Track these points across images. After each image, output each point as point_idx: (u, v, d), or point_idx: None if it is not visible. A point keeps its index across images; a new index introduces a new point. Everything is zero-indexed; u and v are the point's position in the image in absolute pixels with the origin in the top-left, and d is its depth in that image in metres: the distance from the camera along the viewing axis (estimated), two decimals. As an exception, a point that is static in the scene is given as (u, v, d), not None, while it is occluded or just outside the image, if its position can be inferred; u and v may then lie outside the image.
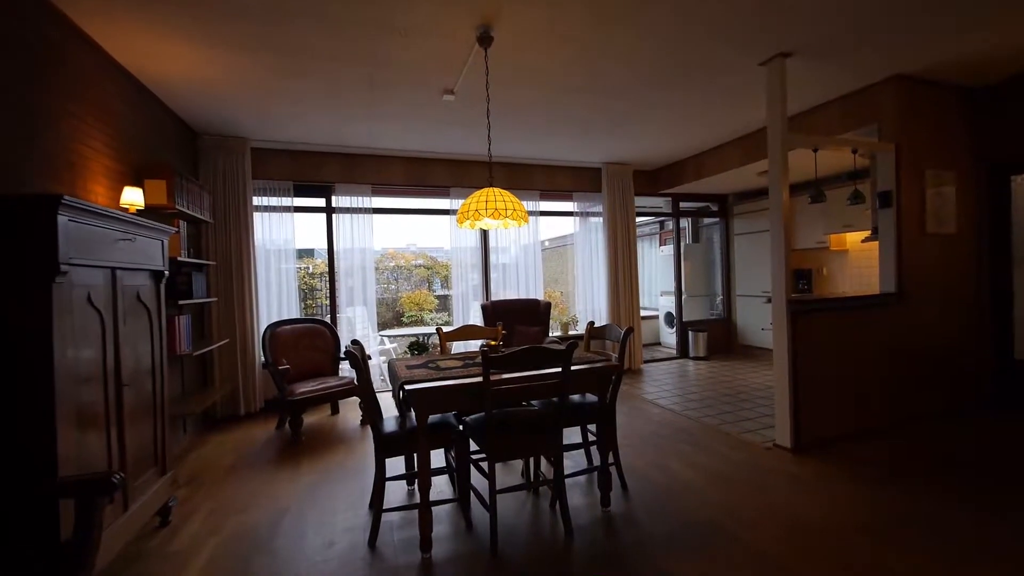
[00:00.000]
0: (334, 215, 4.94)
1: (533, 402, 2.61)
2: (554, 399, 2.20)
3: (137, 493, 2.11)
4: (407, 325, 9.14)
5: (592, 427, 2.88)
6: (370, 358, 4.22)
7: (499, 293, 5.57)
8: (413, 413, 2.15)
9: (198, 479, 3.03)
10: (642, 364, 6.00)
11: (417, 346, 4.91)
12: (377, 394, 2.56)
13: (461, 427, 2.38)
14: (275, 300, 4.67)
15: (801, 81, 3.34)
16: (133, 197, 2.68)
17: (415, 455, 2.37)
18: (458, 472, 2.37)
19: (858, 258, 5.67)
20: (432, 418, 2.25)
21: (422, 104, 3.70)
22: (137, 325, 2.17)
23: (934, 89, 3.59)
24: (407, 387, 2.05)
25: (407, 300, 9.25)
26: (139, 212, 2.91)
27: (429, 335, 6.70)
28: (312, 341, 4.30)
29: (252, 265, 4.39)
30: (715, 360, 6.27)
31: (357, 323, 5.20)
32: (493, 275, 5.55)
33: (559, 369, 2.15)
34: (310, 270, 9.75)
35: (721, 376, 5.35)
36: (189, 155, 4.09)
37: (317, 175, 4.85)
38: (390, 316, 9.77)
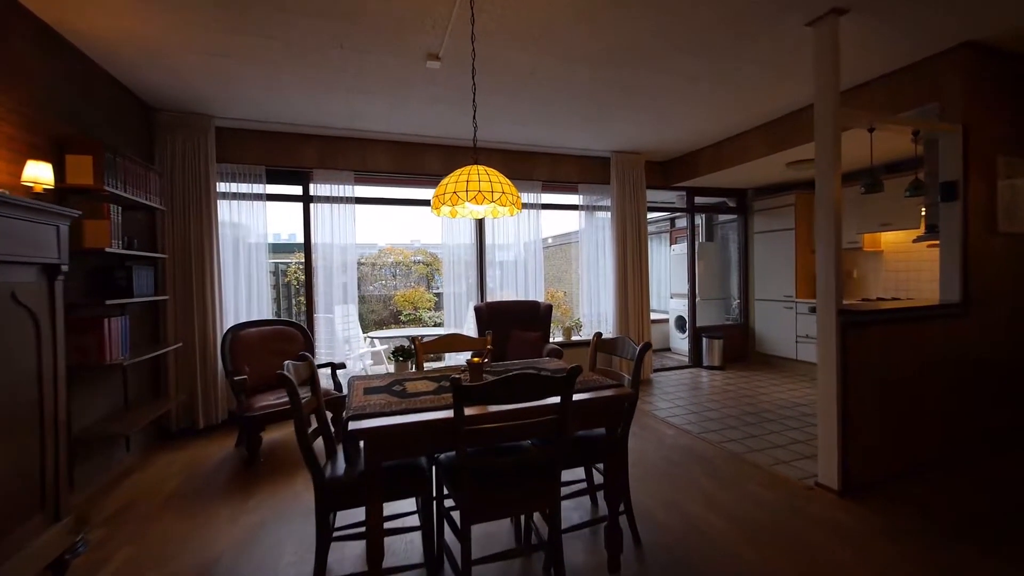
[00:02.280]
0: (312, 204, 4.44)
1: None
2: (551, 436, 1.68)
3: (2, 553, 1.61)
4: (404, 324, 8.67)
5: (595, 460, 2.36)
6: (342, 367, 3.74)
7: (496, 294, 5.06)
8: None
9: (126, 513, 2.54)
10: (651, 373, 5.47)
11: (402, 352, 4.42)
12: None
13: (434, 467, 1.87)
14: (243, 299, 4.17)
15: (844, 53, 2.79)
16: (38, 173, 2.18)
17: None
18: (426, 530, 1.86)
19: (895, 260, 5.11)
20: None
21: (405, 75, 3.18)
22: (9, 331, 1.67)
23: (1010, 62, 3.04)
24: (353, 424, 1.54)
25: (401, 298, 8.76)
26: (55, 193, 2.42)
27: (421, 337, 6.21)
28: (281, 346, 3.80)
29: (216, 259, 3.90)
30: (732, 370, 5.73)
31: (338, 324, 4.70)
32: (489, 274, 5.04)
33: (557, 399, 1.64)
34: (301, 266, 9.29)
35: (741, 390, 4.82)
36: (141, 133, 3.60)
37: (293, 159, 4.35)
38: (387, 314, 9.31)
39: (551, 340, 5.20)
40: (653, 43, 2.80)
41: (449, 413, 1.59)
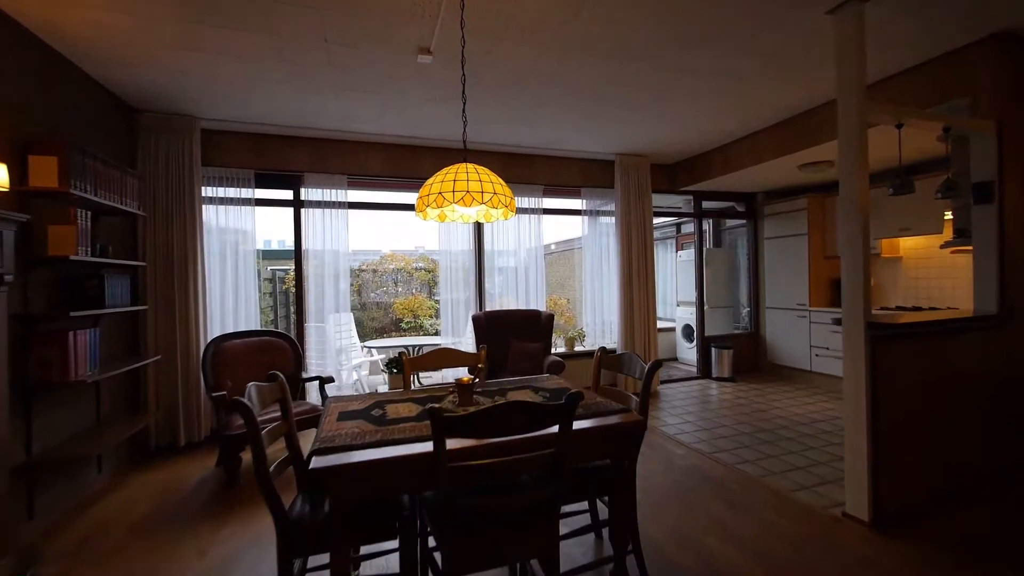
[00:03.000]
0: (303, 209, 4.25)
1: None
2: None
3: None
4: (405, 332, 8.48)
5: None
6: (330, 380, 3.54)
7: (495, 302, 4.85)
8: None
9: (88, 544, 2.33)
10: (659, 385, 5.22)
11: (396, 364, 4.21)
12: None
13: (415, 505, 1.65)
14: (230, 308, 3.98)
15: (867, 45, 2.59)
16: (-10, 174, 2.00)
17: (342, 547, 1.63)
18: (405, 576, 1.64)
19: (914, 267, 4.86)
20: (367, 497, 1.52)
21: (397, 71, 2.99)
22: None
23: (1045, 53, 2.82)
24: (317, 461, 1.32)
25: (400, 306, 8.57)
26: (16, 196, 2.24)
27: (419, 347, 6.01)
28: (267, 358, 3.60)
29: (201, 267, 3.71)
30: (743, 382, 5.47)
31: (331, 334, 4.49)
32: (488, 281, 4.83)
33: (556, 429, 1.42)
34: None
35: (753, 403, 4.57)
36: (122, 135, 3.43)
37: (283, 163, 4.17)
38: (388, 322, 9.14)
39: (553, 351, 4.98)
40: (658, 33, 2.60)
41: (431, 445, 1.38)
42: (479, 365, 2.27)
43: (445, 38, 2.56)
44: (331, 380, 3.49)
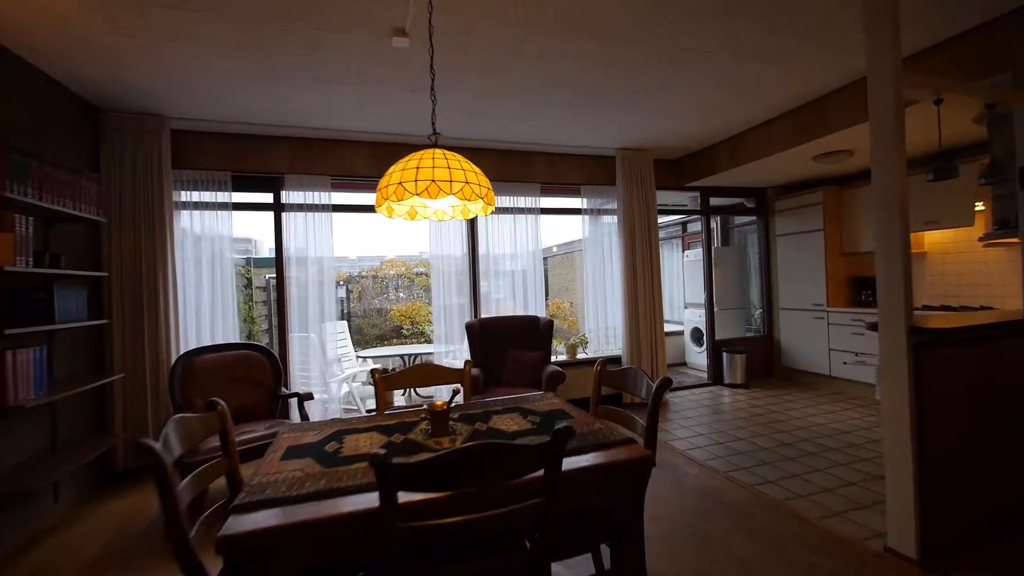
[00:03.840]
0: (284, 213, 4.00)
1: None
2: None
3: None
4: (407, 338, 8.24)
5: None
6: (309, 397, 3.27)
7: (492, 308, 4.56)
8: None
9: (24, 592, 2.07)
10: (667, 393, 4.91)
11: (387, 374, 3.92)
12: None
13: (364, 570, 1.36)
14: (207, 320, 3.73)
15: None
16: None
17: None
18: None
19: (940, 263, 4.53)
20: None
21: (372, 58, 2.73)
22: None
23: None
24: (230, 525, 1.04)
25: (398, 313, 8.32)
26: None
27: (414, 356, 5.74)
28: (242, 373, 3.33)
29: (171, 276, 3.46)
30: (756, 388, 5.14)
31: (315, 345, 4.22)
32: (484, 286, 4.55)
33: (541, 472, 1.13)
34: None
35: (770, 413, 4.24)
36: (84, 137, 3.19)
37: (261, 164, 3.92)
38: (389, 328, 8.91)
39: (554, 359, 4.69)
40: (662, 6, 2.31)
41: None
42: (456, 388, 1.98)
43: (421, 17, 2.29)
44: (310, 397, 3.22)
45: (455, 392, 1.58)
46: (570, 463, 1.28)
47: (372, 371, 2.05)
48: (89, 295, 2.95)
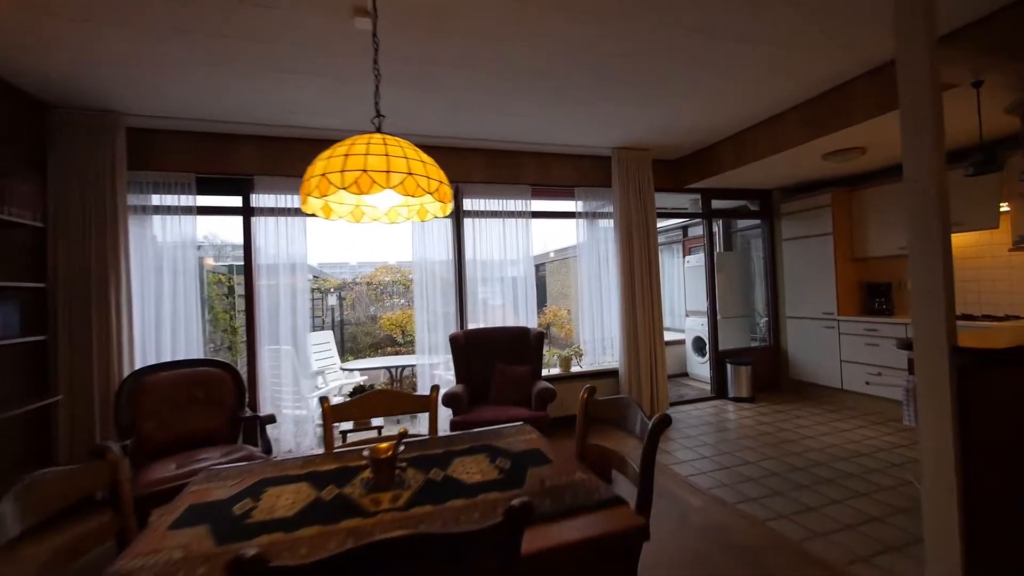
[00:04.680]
0: (253, 218, 3.72)
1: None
2: None
3: None
4: (401, 347, 7.95)
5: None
6: (271, 420, 2.96)
7: (479, 318, 4.26)
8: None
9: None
10: (668, 408, 4.59)
11: (360, 391, 3.62)
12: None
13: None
14: (168, 334, 3.44)
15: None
16: None
17: None
18: None
19: (959, 268, 4.15)
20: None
21: (332, 43, 2.46)
22: None
23: None
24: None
25: (387, 322, 8.03)
26: None
27: (402, 367, 5.44)
28: (200, 393, 3.03)
29: (126, 287, 3.18)
30: (764, 402, 4.83)
31: (287, 359, 3.91)
32: (470, 296, 4.25)
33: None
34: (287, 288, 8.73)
35: (779, 432, 3.93)
36: (27, 136, 2.91)
37: (228, 165, 3.64)
38: (383, 337, 8.66)
39: (547, 372, 4.39)
40: (657, -19, 2.04)
41: None
42: (428, 410, 1.68)
43: (384, -7, 2.02)
44: (271, 420, 2.91)
45: (400, 437, 1.28)
46: (537, 537, 0.98)
47: (321, 400, 1.75)
48: (24, 308, 2.66)
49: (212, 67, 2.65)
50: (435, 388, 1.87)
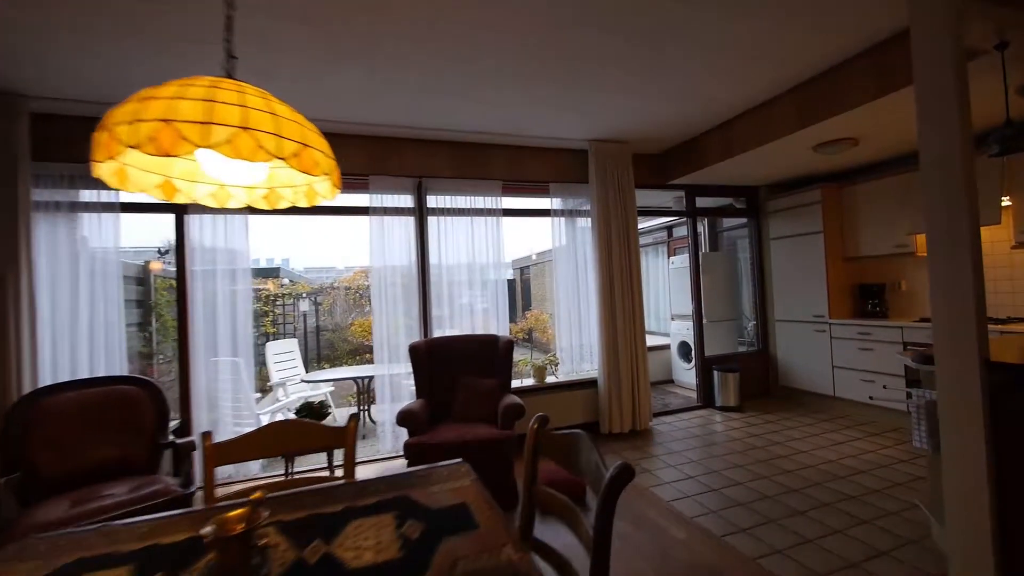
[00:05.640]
0: (187, 215, 3.32)
1: None
2: None
3: None
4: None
5: None
6: (190, 448, 2.57)
7: (445, 326, 3.90)
8: None
9: None
10: (650, 422, 4.27)
11: (308, 412, 3.24)
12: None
13: None
14: (85, 348, 3.02)
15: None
16: None
17: None
18: None
19: (957, 268, 3.97)
20: None
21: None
22: None
23: None
24: None
25: (359, 328, 7.64)
26: None
27: (366, 379, 5.04)
28: (113, 416, 2.63)
29: (25, 295, 2.76)
30: (752, 412, 4.53)
31: (225, 371, 3.49)
32: (435, 302, 3.89)
33: None
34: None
35: (770, 445, 3.62)
36: (-98, 117, 2.50)
37: (158, 156, 3.24)
38: (360, 344, 8.28)
39: (520, 383, 4.05)
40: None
41: None
42: (343, 446, 1.31)
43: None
44: (190, 448, 2.52)
45: (255, 503, 0.91)
46: None
47: (204, 435, 1.38)
48: None
49: (128, 38, 2.27)
50: (353, 418, 1.50)
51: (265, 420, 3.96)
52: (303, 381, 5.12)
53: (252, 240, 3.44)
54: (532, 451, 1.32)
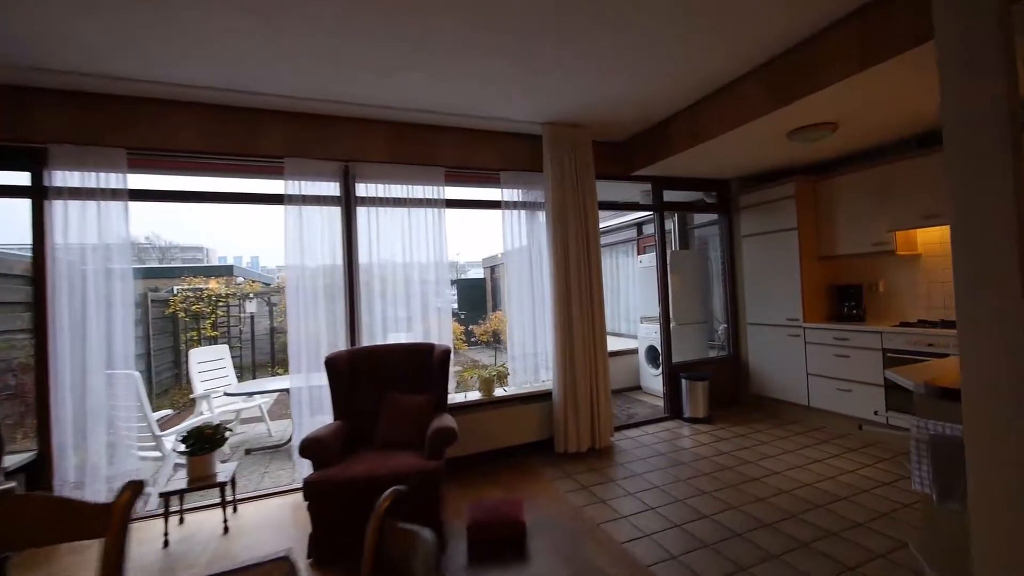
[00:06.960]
0: (48, 201, 2.73)
1: None
2: None
3: None
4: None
5: None
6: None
7: (376, 335, 3.40)
8: None
9: None
10: (612, 437, 3.85)
11: (198, 441, 2.68)
12: None
13: None
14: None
15: None
16: None
17: None
18: None
19: (937, 267, 3.70)
20: None
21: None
22: None
23: None
24: None
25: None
26: None
27: (277, 392, 4.47)
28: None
29: None
30: (721, 423, 4.17)
31: (96, 395, 2.91)
32: (364, 305, 3.38)
33: None
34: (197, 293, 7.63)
35: (740, 465, 3.24)
36: None
37: (11, 130, 2.65)
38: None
39: (464, 398, 3.58)
40: None
41: None
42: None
43: None
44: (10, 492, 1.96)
45: None
46: None
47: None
48: None
49: None
50: (129, 488, 1.01)
51: (168, 444, 3.39)
52: (226, 394, 4.52)
53: (216, 236, 2.89)
54: (375, 535, 0.86)
